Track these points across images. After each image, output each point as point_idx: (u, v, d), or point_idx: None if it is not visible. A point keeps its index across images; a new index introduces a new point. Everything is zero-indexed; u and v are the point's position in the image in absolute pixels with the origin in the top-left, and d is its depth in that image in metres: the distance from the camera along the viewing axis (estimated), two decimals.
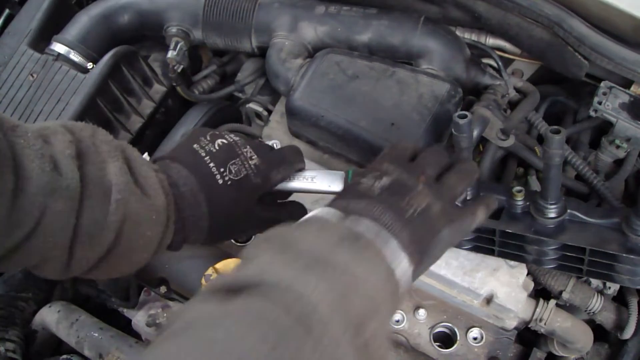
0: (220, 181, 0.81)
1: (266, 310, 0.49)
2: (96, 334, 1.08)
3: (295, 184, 0.89)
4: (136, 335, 1.12)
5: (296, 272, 0.54)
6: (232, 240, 1.18)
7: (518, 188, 0.98)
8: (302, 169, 0.91)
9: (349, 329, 0.52)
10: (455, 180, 0.78)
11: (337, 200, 0.71)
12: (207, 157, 0.82)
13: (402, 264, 0.66)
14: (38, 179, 0.63)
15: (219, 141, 0.84)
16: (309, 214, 0.69)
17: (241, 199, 0.83)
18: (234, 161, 0.83)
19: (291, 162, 0.89)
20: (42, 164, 0.64)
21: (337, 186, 0.88)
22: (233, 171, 0.82)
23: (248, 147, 0.85)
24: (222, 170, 0.81)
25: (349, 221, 0.65)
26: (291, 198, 1.09)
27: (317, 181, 0.89)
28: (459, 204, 0.85)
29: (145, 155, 0.79)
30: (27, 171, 0.63)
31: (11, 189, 0.61)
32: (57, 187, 0.65)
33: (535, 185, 1.15)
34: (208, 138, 0.84)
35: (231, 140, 0.85)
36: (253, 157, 0.84)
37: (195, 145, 0.83)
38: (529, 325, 1.10)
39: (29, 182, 0.63)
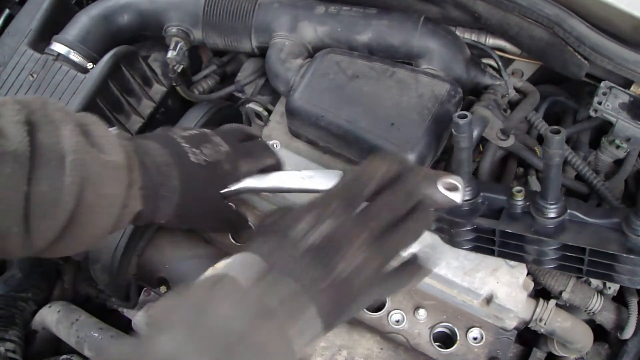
0: (194, 159, 0.81)
1: None
2: (96, 334, 1.08)
3: (292, 183, 0.89)
4: (136, 335, 1.12)
5: None
6: (232, 240, 1.19)
7: (518, 188, 0.98)
8: (272, 165, 0.93)
9: None
10: (402, 238, 0.70)
11: (264, 240, 0.66)
12: (181, 139, 0.84)
13: (314, 329, 0.63)
14: None
15: (190, 130, 0.88)
16: (227, 262, 0.64)
17: (212, 182, 0.84)
18: (206, 145, 0.85)
19: (258, 156, 0.91)
20: None
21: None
22: (206, 153, 0.83)
23: (218, 137, 0.88)
24: (194, 150, 0.82)
25: (266, 284, 0.60)
26: (289, 197, 1.09)
27: (314, 181, 0.89)
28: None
29: (115, 129, 0.79)
30: None
31: None
32: (2, 152, 0.62)
33: (535, 185, 1.15)
34: (179, 129, 0.88)
35: (200, 130, 0.90)
36: (223, 145, 0.86)
37: (168, 132, 0.86)
38: (529, 325, 1.10)
39: None
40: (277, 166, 0.95)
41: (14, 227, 0.65)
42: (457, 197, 0.80)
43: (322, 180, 0.89)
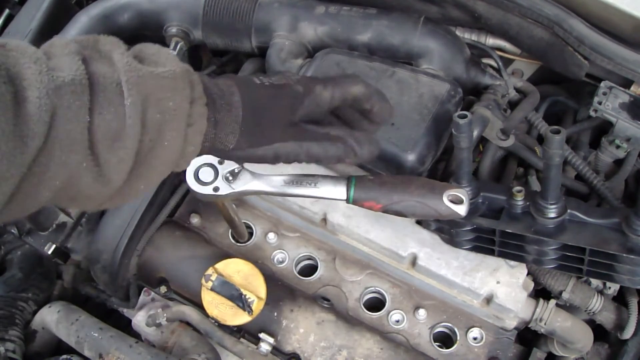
0: (258, 82, 0.78)
1: None
2: (96, 334, 1.08)
3: (297, 189, 0.88)
4: (136, 335, 1.12)
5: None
6: (232, 240, 1.19)
7: (518, 188, 0.98)
8: (360, 94, 0.83)
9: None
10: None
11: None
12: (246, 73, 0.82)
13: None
14: (37, 82, 0.58)
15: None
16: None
17: (279, 99, 0.78)
18: (275, 75, 0.80)
19: (341, 83, 0.81)
20: (39, 67, 0.59)
21: (340, 192, 0.87)
22: (273, 79, 0.79)
23: (292, 73, 0.84)
24: (261, 77, 0.78)
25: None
26: (290, 199, 1.09)
27: (319, 187, 0.88)
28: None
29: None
30: (24, 78, 0.58)
31: (9, 99, 0.57)
32: (60, 83, 0.59)
33: (535, 185, 1.15)
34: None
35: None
36: (295, 75, 0.81)
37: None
38: (529, 325, 1.10)
39: (29, 87, 0.58)
40: (366, 97, 0.83)
41: (82, 162, 0.62)
42: (461, 210, 0.81)
43: (327, 186, 0.87)
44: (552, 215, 0.94)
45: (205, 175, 0.86)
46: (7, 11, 1.39)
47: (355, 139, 0.81)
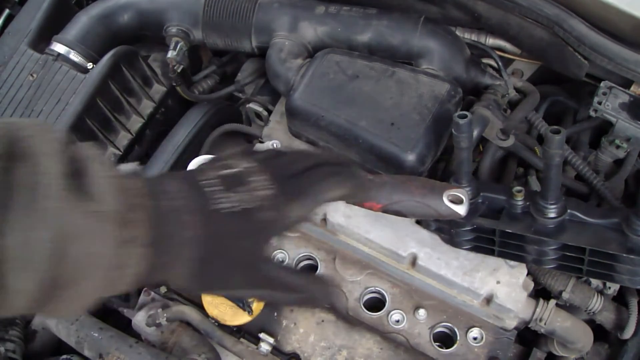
0: (223, 205, 0.65)
1: None
2: (96, 334, 1.08)
3: None
4: (136, 335, 1.12)
5: None
6: None
7: (518, 188, 0.98)
8: (339, 198, 0.75)
9: None
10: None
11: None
12: (212, 180, 0.67)
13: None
14: None
15: (227, 169, 0.70)
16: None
17: (244, 235, 0.67)
18: (242, 187, 0.67)
19: (316, 193, 0.71)
20: None
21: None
22: (239, 199, 0.66)
23: (263, 174, 0.69)
24: (225, 195, 0.66)
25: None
26: None
27: None
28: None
29: (133, 165, 0.65)
30: None
31: None
32: None
33: (535, 185, 1.15)
34: (215, 167, 0.70)
35: (242, 168, 0.70)
36: (267, 187, 0.68)
37: (199, 170, 0.70)
38: (529, 325, 1.10)
39: None
40: (345, 197, 0.76)
41: None
42: (461, 210, 0.81)
43: None
44: (552, 215, 0.94)
45: None
46: (7, 11, 1.39)
47: (313, 291, 0.74)
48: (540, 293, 1.12)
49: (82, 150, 0.60)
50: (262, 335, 1.06)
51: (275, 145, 1.16)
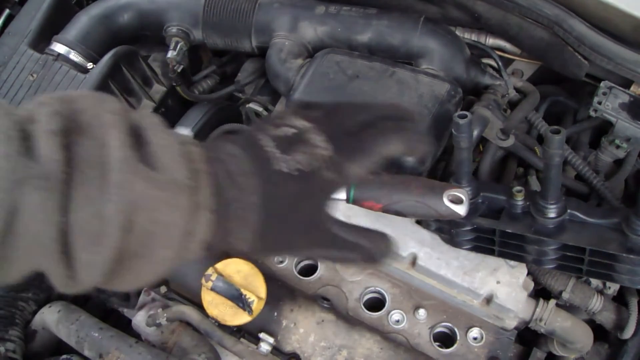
0: (283, 168, 0.65)
1: None
2: (96, 334, 1.08)
3: None
4: (136, 335, 1.12)
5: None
6: None
7: (518, 188, 0.98)
8: (397, 152, 0.73)
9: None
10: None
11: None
12: (268, 141, 0.66)
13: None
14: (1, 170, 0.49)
15: (284, 128, 0.69)
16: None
17: (306, 196, 0.67)
18: (301, 147, 0.66)
19: (372, 149, 0.71)
20: (8, 149, 0.50)
21: (340, 192, 0.86)
22: (299, 159, 0.65)
23: (319, 133, 0.68)
24: (284, 156, 0.65)
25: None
26: None
27: None
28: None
29: (187, 130, 0.63)
30: None
31: None
32: (28, 175, 0.50)
33: (535, 185, 1.15)
34: (272, 126, 0.69)
35: (301, 126, 0.69)
36: (326, 147, 0.67)
37: (256, 131, 0.69)
38: (529, 325, 1.10)
39: None
40: (404, 152, 0.75)
41: (52, 265, 0.54)
42: (461, 210, 0.81)
43: None
44: (552, 215, 0.94)
45: None
46: (7, 11, 1.39)
47: (376, 249, 0.74)
48: (540, 293, 1.12)
49: (140, 117, 0.59)
50: (262, 335, 1.06)
51: None
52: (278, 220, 0.66)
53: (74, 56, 1.25)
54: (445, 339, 1.11)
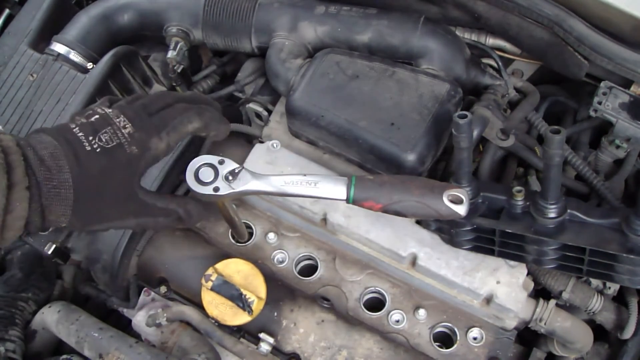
0: (88, 147, 0.74)
1: None
2: (96, 334, 1.08)
3: (297, 189, 0.88)
4: (136, 336, 1.12)
5: None
6: (232, 240, 1.18)
7: (518, 188, 0.98)
8: (197, 129, 0.84)
9: None
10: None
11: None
12: (76, 127, 0.77)
13: None
14: None
15: (90, 114, 0.79)
16: None
17: (114, 170, 0.76)
18: (105, 130, 0.77)
19: (175, 126, 0.81)
20: None
21: (340, 192, 0.86)
22: (104, 139, 0.76)
23: (122, 116, 0.79)
24: (90, 138, 0.75)
25: None
26: (290, 199, 1.09)
27: (319, 187, 0.87)
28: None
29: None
30: None
31: None
32: None
33: (535, 185, 1.15)
34: (80, 115, 0.80)
35: (103, 112, 0.80)
36: (127, 126, 0.78)
37: (67, 121, 0.79)
38: (529, 325, 1.10)
39: None
40: (202, 128, 0.85)
41: None
42: (461, 209, 0.81)
43: (327, 187, 0.87)
44: (552, 215, 0.94)
45: (206, 175, 0.86)
46: (7, 11, 1.39)
47: (186, 212, 0.84)
48: (540, 293, 1.12)
49: None
50: (262, 335, 1.06)
51: (275, 145, 1.16)
52: (92, 195, 0.75)
53: (74, 56, 1.25)
54: (445, 339, 1.11)
